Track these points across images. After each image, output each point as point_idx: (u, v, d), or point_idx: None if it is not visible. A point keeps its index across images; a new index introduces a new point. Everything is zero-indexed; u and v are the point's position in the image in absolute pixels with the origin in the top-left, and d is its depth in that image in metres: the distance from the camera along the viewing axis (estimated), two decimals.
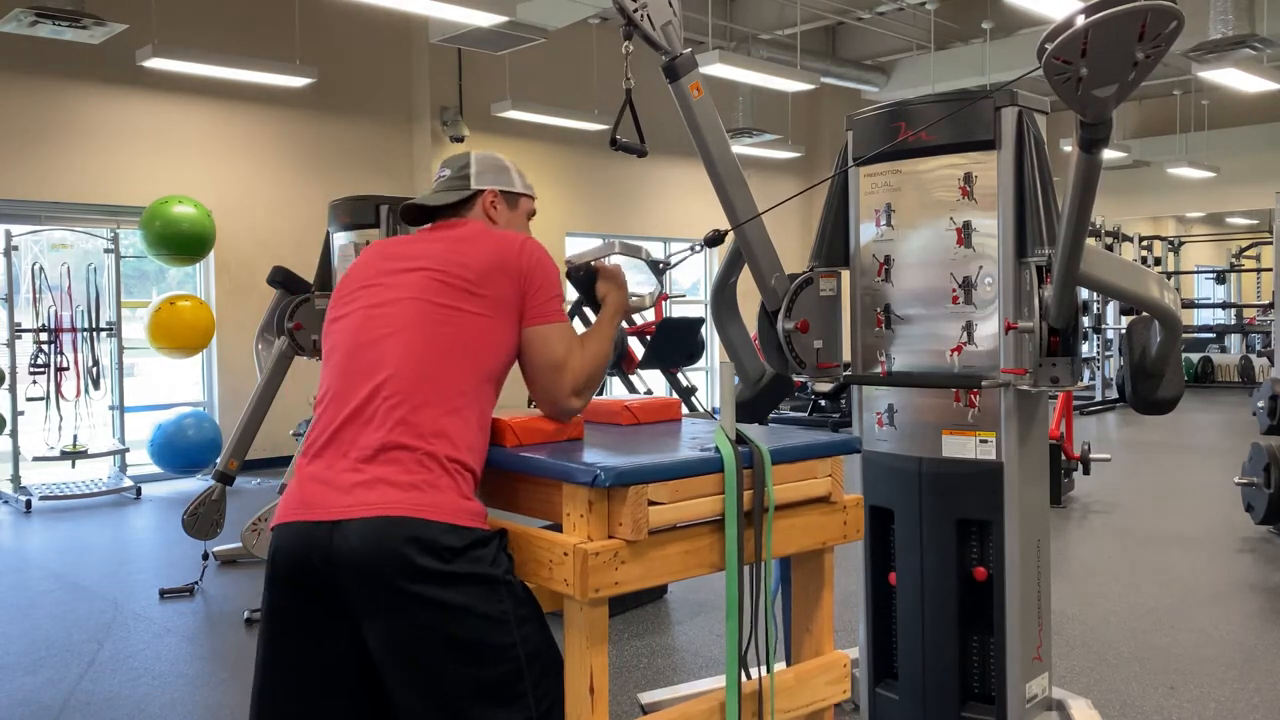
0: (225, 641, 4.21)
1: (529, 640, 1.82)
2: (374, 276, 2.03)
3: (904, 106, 2.78)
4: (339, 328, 2.01)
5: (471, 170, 2.18)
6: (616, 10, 2.46)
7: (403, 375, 1.87)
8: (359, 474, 1.81)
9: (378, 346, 1.92)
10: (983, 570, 2.75)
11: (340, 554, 1.77)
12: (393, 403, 1.85)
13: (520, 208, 2.23)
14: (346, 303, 2.03)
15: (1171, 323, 2.73)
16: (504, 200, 2.19)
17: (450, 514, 1.80)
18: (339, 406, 1.89)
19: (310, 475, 1.87)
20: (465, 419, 1.89)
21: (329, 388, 1.94)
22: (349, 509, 1.78)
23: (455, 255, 1.99)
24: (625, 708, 3.32)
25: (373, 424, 1.84)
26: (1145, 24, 1.82)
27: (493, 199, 2.17)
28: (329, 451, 1.87)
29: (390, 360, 1.89)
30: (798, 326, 2.83)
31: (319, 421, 1.92)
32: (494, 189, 2.18)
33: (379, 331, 1.93)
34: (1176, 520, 6.17)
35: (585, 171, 11.06)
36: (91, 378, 7.57)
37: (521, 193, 2.23)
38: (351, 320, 1.99)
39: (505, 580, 1.82)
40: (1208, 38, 8.13)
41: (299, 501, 1.85)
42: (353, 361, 1.93)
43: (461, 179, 2.17)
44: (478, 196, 2.17)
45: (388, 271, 2.02)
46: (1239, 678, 3.60)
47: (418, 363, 1.89)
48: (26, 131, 7.62)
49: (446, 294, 1.94)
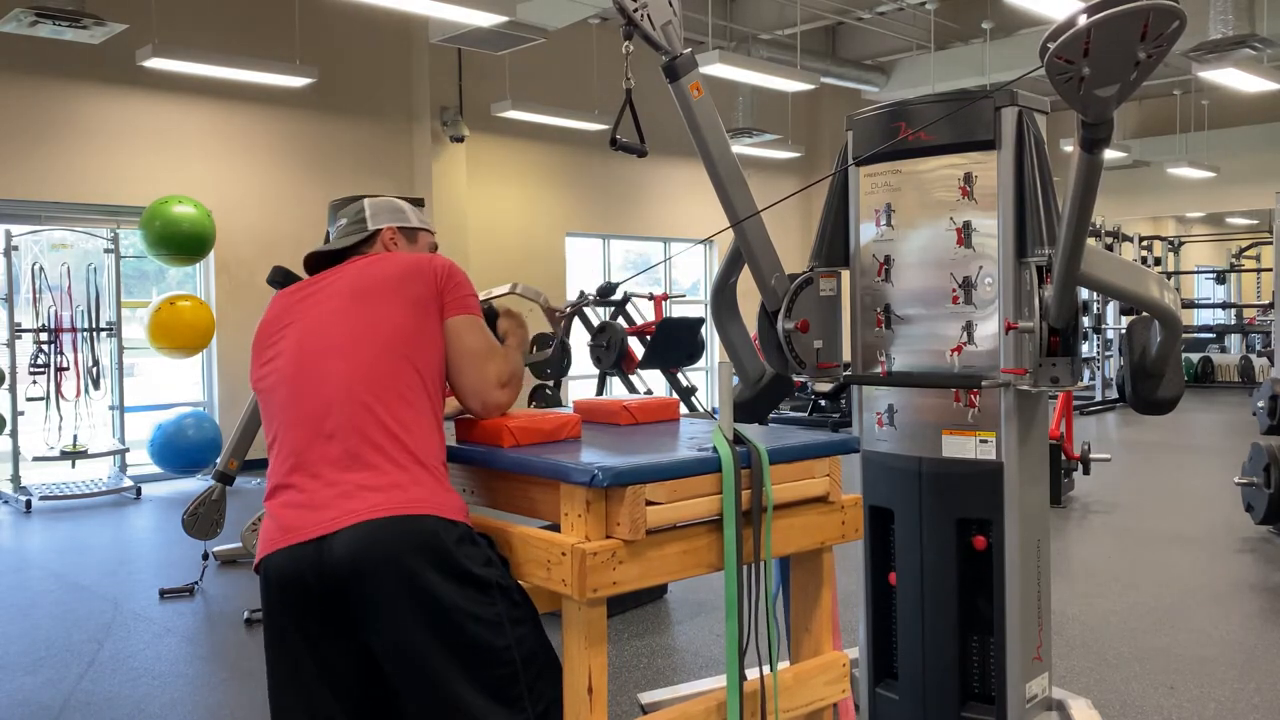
0: (225, 641, 4.21)
1: (524, 642, 1.82)
2: (291, 315, 2.04)
3: (904, 106, 2.77)
4: (271, 369, 2.00)
5: (366, 214, 2.21)
6: (616, 10, 2.46)
7: (352, 383, 1.88)
8: (335, 488, 1.82)
9: (320, 367, 1.92)
10: (982, 539, 2.72)
11: (331, 566, 1.77)
12: (349, 411, 1.86)
13: (420, 241, 2.25)
14: (271, 345, 2.03)
15: (1171, 323, 2.72)
16: (402, 235, 2.22)
17: (435, 507, 1.81)
18: (297, 434, 1.89)
19: (284, 504, 1.87)
20: (422, 414, 1.91)
21: (278, 421, 1.94)
22: (334, 521, 1.79)
23: (367, 273, 2.02)
24: (625, 708, 3.32)
25: (336, 438, 1.85)
26: (1147, 24, 1.82)
27: (391, 235, 2.20)
28: (296, 477, 1.87)
29: (335, 373, 1.90)
30: (798, 326, 2.83)
31: (279, 456, 1.92)
32: (391, 225, 2.21)
33: (315, 353, 1.94)
34: (1176, 520, 6.17)
35: (585, 171, 11.06)
36: (91, 378, 7.57)
37: (419, 227, 2.26)
38: (282, 359, 1.98)
39: (499, 583, 1.83)
40: (1208, 38, 8.13)
41: (279, 529, 1.85)
42: (298, 388, 1.93)
43: (358, 223, 2.21)
44: (377, 235, 2.19)
45: (303, 306, 2.03)
46: (1239, 678, 3.60)
47: (362, 369, 1.90)
48: (26, 131, 7.62)
49: (369, 301, 1.97)
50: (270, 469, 1.93)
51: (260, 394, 2.02)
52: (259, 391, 2.02)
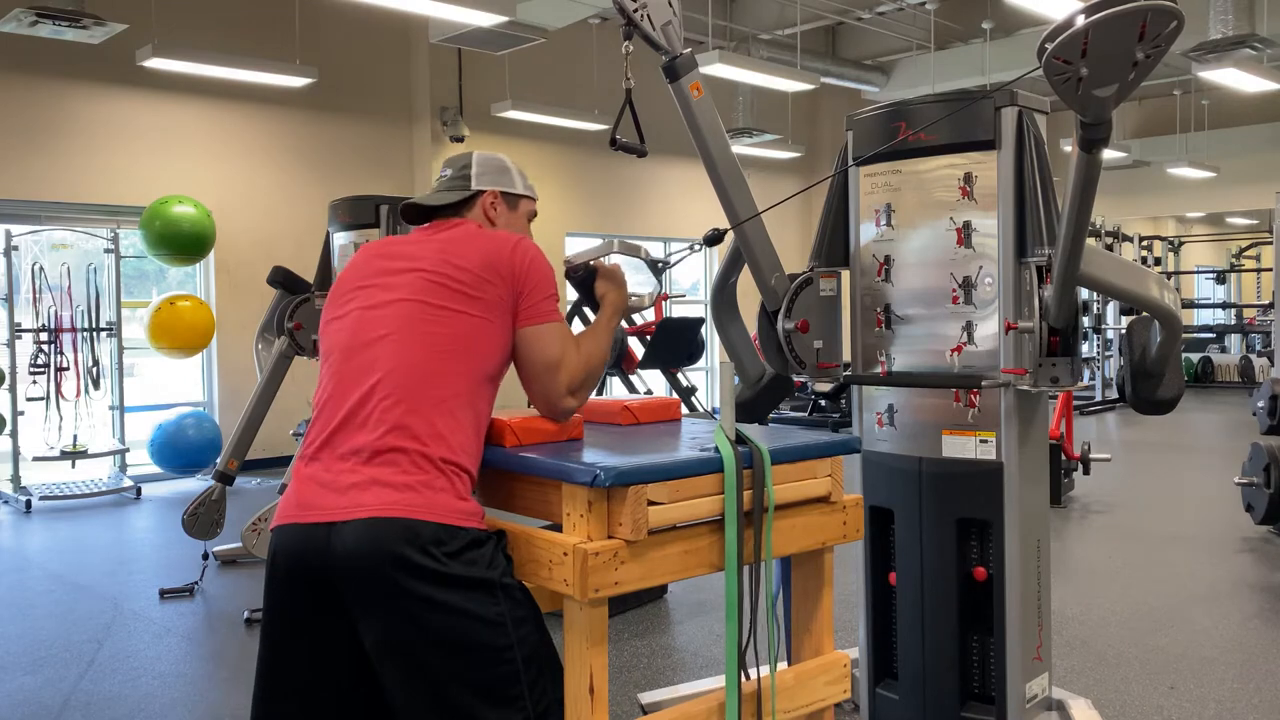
0: (225, 641, 4.21)
1: (525, 642, 1.82)
2: (369, 277, 2.03)
3: (904, 106, 2.78)
4: (334, 329, 2.01)
5: (473, 170, 2.16)
6: (616, 10, 2.47)
7: (397, 377, 1.87)
8: (355, 475, 1.82)
9: (372, 349, 1.92)
10: (982, 570, 2.75)
11: (337, 555, 1.77)
12: (387, 404, 1.85)
13: (520, 209, 2.21)
14: (342, 304, 2.03)
15: (1171, 323, 2.73)
16: (504, 201, 2.18)
17: (446, 515, 1.80)
18: (335, 409, 1.90)
19: (307, 476, 1.87)
20: (460, 420, 1.89)
21: (326, 390, 1.94)
22: (346, 510, 1.79)
23: (449, 256, 1.98)
24: (625, 708, 3.32)
25: (368, 426, 1.85)
26: (1145, 24, 1.82)
27: (493, 200, 2.16)
28: (325, 453, 1.87)
29: (384, 362, 1.89)
30: (798, 326, 2.83)
31: (316, 423, 1.92)
32: (494, 189, 2.16)
33: (374, 333, 1.93)
34: (1176, 520, 6.17)
35: (585, 171, 11.06)
36: (91, 378, 7.57)
37: (522, 194, 2.21)
38: (347, 322, 1.99)
39: (502, 582, 1.82)
40: (1208, 38, 8.13)
41: (296, 503, 1.86)
42: (348, 363, 1.93)
43: (462, 179, 2.16)
44: (477, 197, 2.15)
45: (382, 272, 2.02)
46: (1239, 678, 3.60)
47: (412, 364, 1.89)
48: (26, 131, 7.62)
49: (441, 295, 1.94)
50: (309, 431, 1.93)
51: (322, 348, 2.02)
52: (322, 345, 2.03)
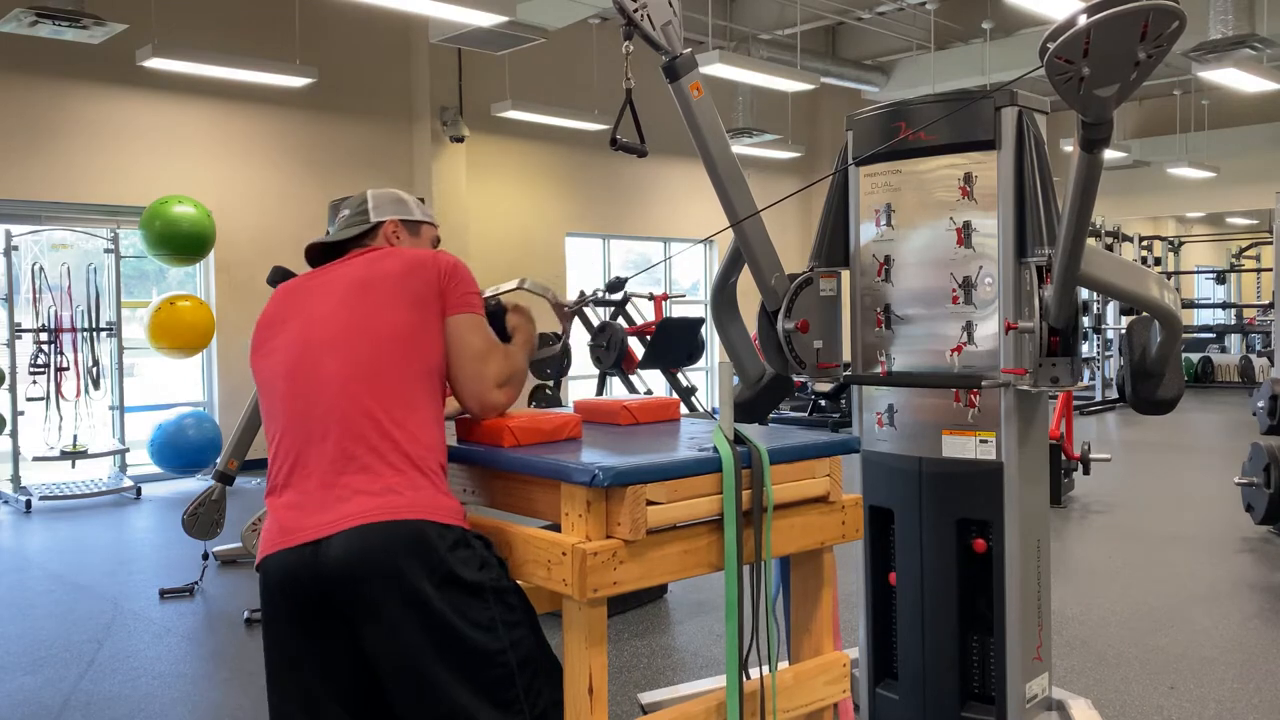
0: (225, 641, 4.21)
1: (520, 645, 1.82)
2: (292, 310, 2.02)
3: (904, 106, 2.78)
4: (270, 363, 1.99)
5: (369, 205, 2.20)
6: (616, 10, 2.46)
7: (349, 385, 1.87)
8: (330, 490, 1.82)
9: (318, 363, 1.91)
10: (982, 542, 2.73)
11: (327, 569, 1.77)
12: (345, 411, 1.85)
13: (423, 235, 2.24)
14: (269, 339, 2.02)
15: (1171, 323, 2.72)
16: (405, 228, 2.21)
17: (430, 512, 1.81)
18: (294, 434, 1.89)
19: (283, 505, 1.87)
20: (421, 415, 1.90)
21: (279, 420, 1.92)
22: (330, 525, 1.79)
23: (370, 270, 2.01)
24: (625, 708, 3.32)
25: (331, 438, 1.84)
26: (1147, 24, 1.82)
27: (394, 228, 2.19)
28: (295, 478, 1.86)
29: (334, 373, 1.89)
30: (798, 326, 2.83)
31: (278, 455, 1.91)
32: (394, 218, 2.20)
33: (315, 349, 1.93)
34: (1176, 520, 6.17)
35: (585, 171, 11.06)
36: (91, 378, 7.57)
37: (422, 220, 2.25)
38: (280, 353, 1.97)
39: (493, 586, 1.82)
40: (1208, 38, 8.13)
41: (278, 531, 1.85)
42: (295, 388, 1.92)
43: (361, 214, 2.20)
44: (379, 228, 2.18)
45: (305, 300, 2.02)
46: (1239, 678, 3.60)
47: (360, 370, 1.89)
48: (26, 131, 7.62)
49: (370, 298, 1.95)
50: (270, 465, 1.93)
51: (260, 387, 2.01)
52: (259, 385, 2.01)
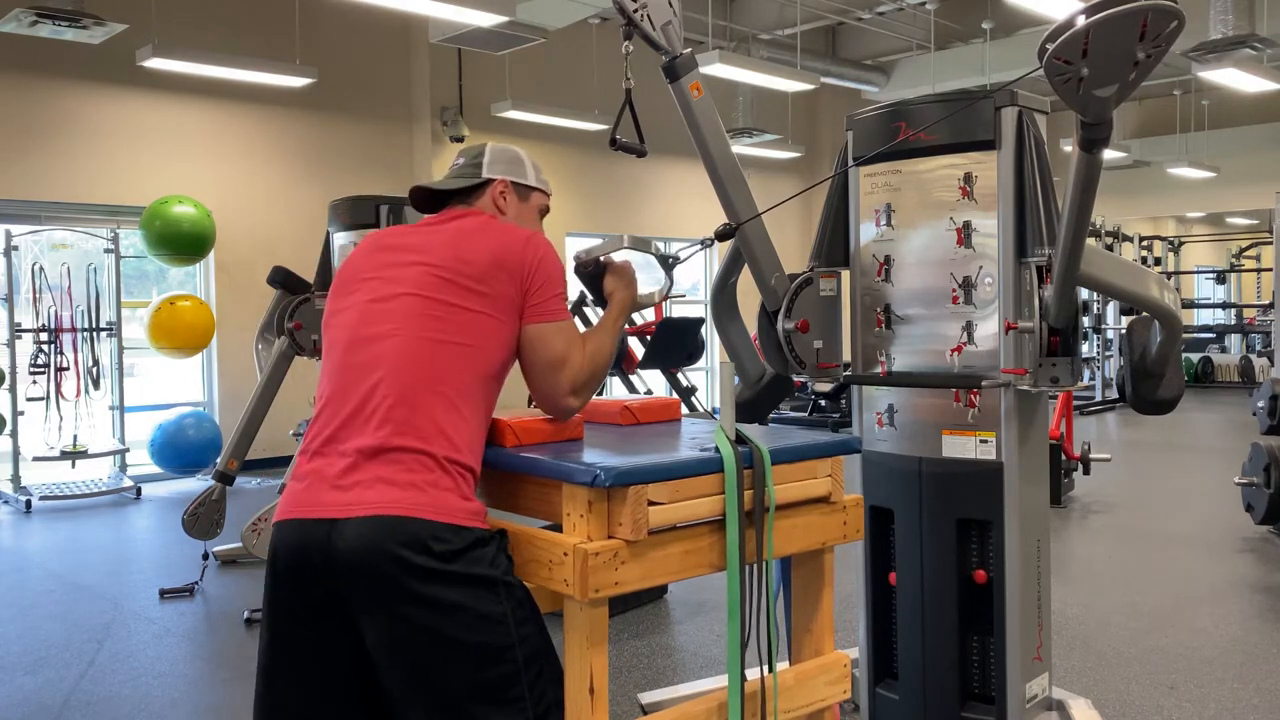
0: (225, 641, 4.21)
1: (527, 642, 1.82)
2: (373, 269, 2.00)
3: (904, 106, 2.78)
4: (337, 323, 1.99)
5: (485, 159, 2.14)
6: (616, 10, 2.46)
7: (401, 373, 1.86)
8: (358, 473, 1.81)
9: (376, 344, 1.90)
10: (983, 573, 2.75)
11: (339, 552, 1.76)
12: (391, 401, 1.84)
13: (531, 201, 2.19)
14: (345, 295, 2.01)
15: (1171, 323, 2.73)
16: (514, 191, 2.15)
17: (449, 514, 1.80)
18: (338, 405, 1.88)
19: (310, 472, 1.86)
20: (464, 418, 1.88)
21: (329, 385, 1.93)
22: (348, 508, 1.78)
23: (457, 250, 1.96)
24: (625, 708, 3.32)
25: (372, 423, 1.83)
26: (1146, 24, 1.82)
27: (502, 189, 2.13)
28: (328, 449, 1.86)
29: (388, 358, 1.88)
30: (798, 326, 2.83)
31: (318, 419, 1.91)
32: (505, 179, 2.13)
33: (377, 328, 1.91)
34: (1176, 520, 6.17)
35: (585, 171, 11.06)
36: (91, 378, 7.57)
37: (534, 186, 2.18)
38: (349, 315, 1.96)
39: (504, 581, 1.82)
40: (1208, 38, 8.13)
41: (298, 499, 1.85)
42: (351, 358, 1.91)
43: (474, 167, 2.14)
44: (487, 185, 2.12)
45: (387, 265, 1.99)
46: (1239, 678, 3.60)
47: (416, 361, 1.87)
48: (26, 131, 7.62)
49: (446, 290, 1.92)
50: (311, 425, 1.91)
51: (325, 341, 2.00)
52: (324, 339, 2.00)
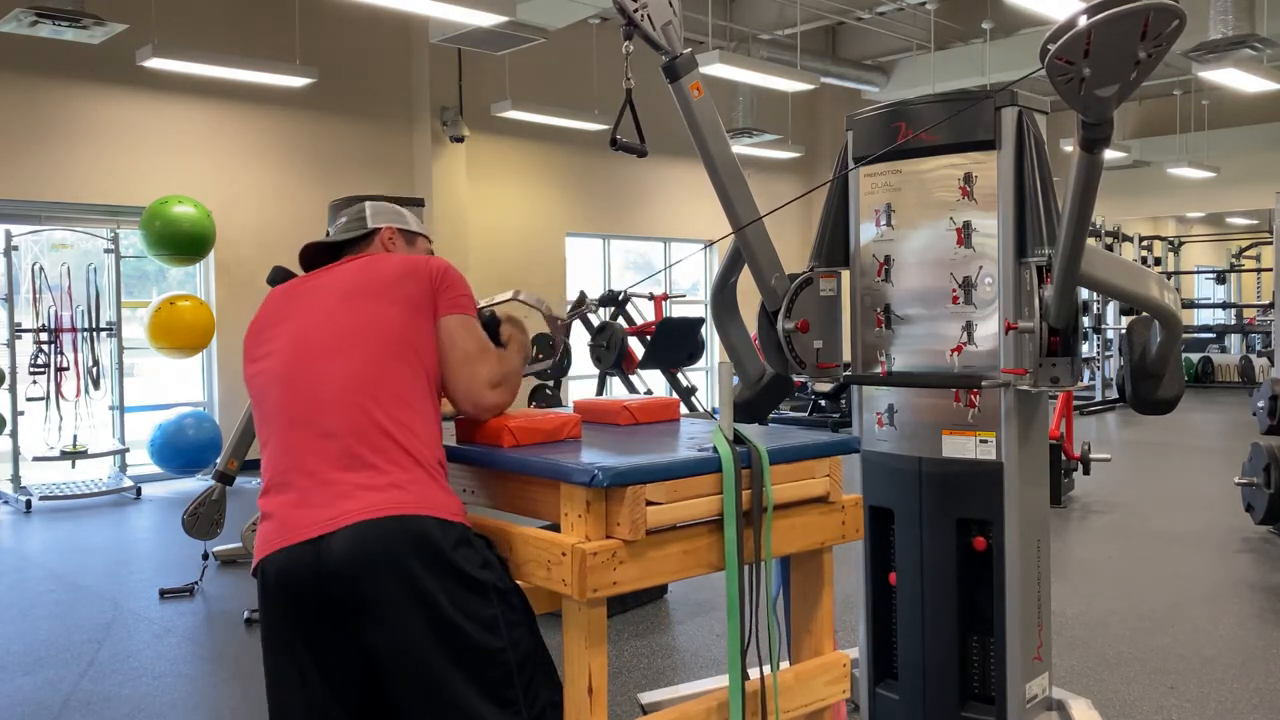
0: (225, 641, 4.21)
1: (520, 644, 1.82)
2: (285, 314, 2.03)
3: (904, 106, 2.78)
4: (265, 367, 1.99)
5: (367, 214, 2.24)
6: (616, 10, 2.46)
7: (349, 383, 1.87)
8: (332, 487, 1.81)
9: (316, 366, 1.91)
10: (982, 540, 2.72)
11: (329, 565, 1.76)
12: (347, 411, 1.85)
13: (418, 245, 2.27)
14: (265, 343, 2.02)
15: (1171, 323, 2.72)
16: (401, 237, 2.24)
17: (433, 508, 1.81)
18: (293, 433, 1.88)
19: (281, 504, 1.85)
20: (422, 414, 1.90)
21: (276, 421, 1.92)
22: (331, 521, 1.78)
23: (365, 272, 2.03)
24: (625, 708, 3.32)
25: (333, 437, 1.84)
26: (1147, 24, 1.82)
27: (390, 235, 2.22)
28: (293, 477, 1.85)
29: (331, 373, 1.89)
30: (798, 326, 2.83)
31: (274, 455, 1.90)
32: (390, 225, 2.23)
33: (312, 351, 1.93)
34: (1176, 520, 6.17)
35: (585, 171, 11.06)
36: (91, 378, 7.56)
37: (418, 232, 2.28)
38: (275, 358, 1.97)
39: (496, 585, 1.83)
40: (1208, 38, 8.13)
41: (276, 531, 1.84)
42: (293, 387, 1.91)
43: (359, 220, 2.23)
44: (375, 233, 2.21)
45: (299, 305, 2.03)
46: (1239, 678, 3.60)
47: (359, 368, 1.89)
48: (27, 131, 7.62)
49: (365, 301, 1.97)
50: (265, 468, 1.92)
51: (253, 391, 2.00)
52: (252, 389, 2.00)
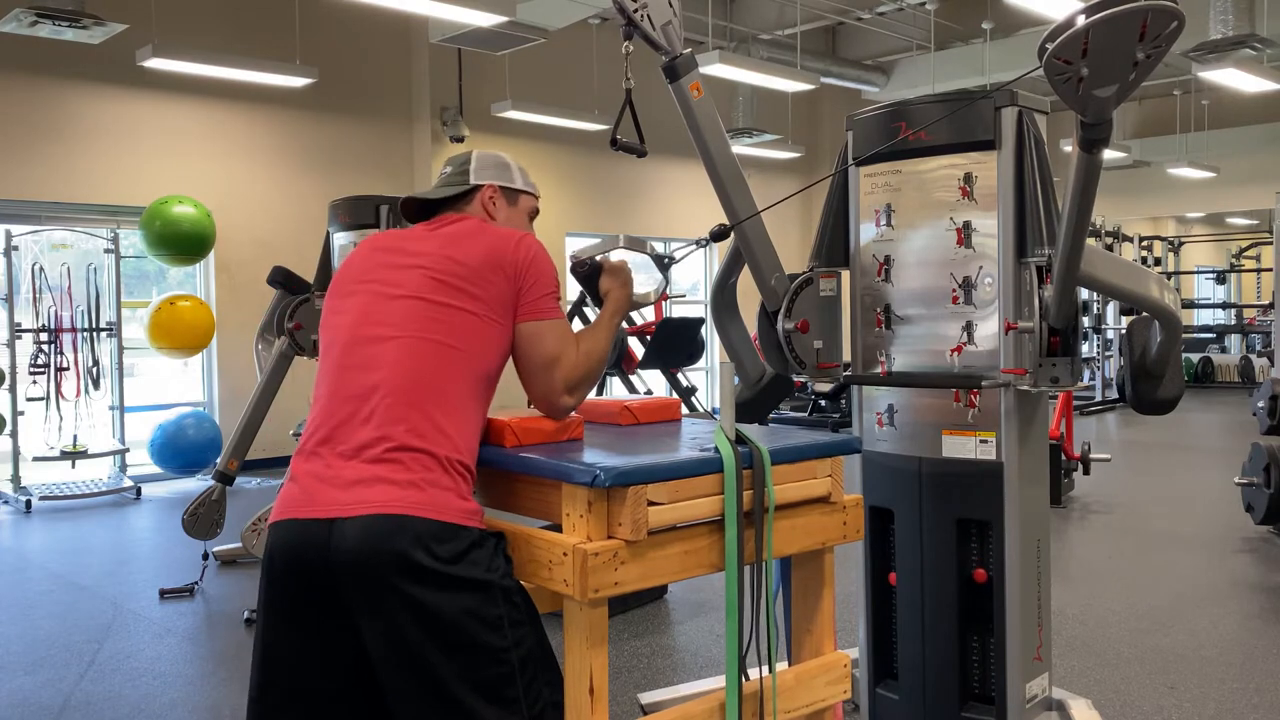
0: (225, 641, 4.21)
1: (522, 644, 1.82)
2: (370, 271, 2.02)
3: (904, 106, 2.78)
4: (335, 323, 2.00)
5: (471, 166, 2.17)
6: (616, 10, 2.46)
7: (400, 374, 1.87)
8: (358, 472, 1.81)
9: (375, 344, 1.91)
10: (983, 572, 2.75)
11: (338, 552, 1.76)
12: (390, 401, 1.85)
13: (520, 205, 2.21)
14: (344, 296, 2.03)
15: (1171, 323, 2.72)
16: (503, 196, 2.18)
17: (449, 514, 1.80)
18: (336, 404, 1.89)
19: (308, 472, 1.86)
20: (463, 418, 1.89)
21: (327, 384, 1.94)
22: (348, 507, 1.78)
23: (451, 252, 1.98)
24: (625, 708, 3.32)
25: (371, 422, 1.84)
26: (1146, 24, 1.82)
27: (491, 194, 2.16)
28: (326, 449, 1.86)
29: (387, 358, 1.89)
30: (798, 326, 2.83)
31: (315, 417, 1.91)
32: (493, 184, 2.17)
33: (375, 329, 1.93)
34: (1176, 520, 6.17)
35: (585, 171, 11.06)
36: (91, 378, 7.57)
37: (522, 189, 2.22)
38: (348, 316, 1.98)
39: (501, 584, 1.82)
40: (1208, 38, 8.13)
41: (297, 498, 1.85)
42: (350, 358, 1.92)
43: (461, 174, 2.17)
44: (476, 191, 2.16)
45: (385, 266, 2.01)
46: (1239, 678, 3.60)
47: (415, 362, 1.88)
48: (27, 131, 7.62)
49: (442, 292, 1.94)
50: (307, 426, 1.92)
51: (322, 334, 2.02)
52: (323, 338, 2.02)
